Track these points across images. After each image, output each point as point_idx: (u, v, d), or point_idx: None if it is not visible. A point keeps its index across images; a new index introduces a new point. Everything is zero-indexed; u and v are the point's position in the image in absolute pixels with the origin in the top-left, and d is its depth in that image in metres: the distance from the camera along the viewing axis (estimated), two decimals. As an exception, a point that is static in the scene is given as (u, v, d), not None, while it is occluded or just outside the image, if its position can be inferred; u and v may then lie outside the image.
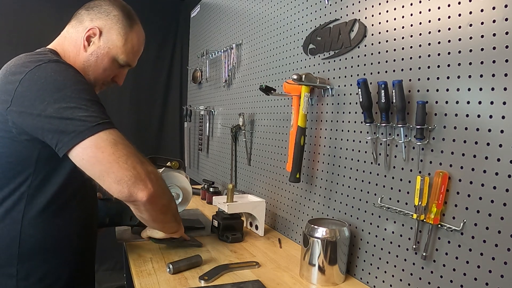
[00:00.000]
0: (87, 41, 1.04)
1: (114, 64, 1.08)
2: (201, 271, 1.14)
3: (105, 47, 1.05)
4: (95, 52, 1.04)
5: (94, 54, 1.04)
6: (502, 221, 0.78)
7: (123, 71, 1.13)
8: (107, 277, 2.88)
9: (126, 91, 3.22)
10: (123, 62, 1.08)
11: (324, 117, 1.34)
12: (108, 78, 1.11)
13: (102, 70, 1.07)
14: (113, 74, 1.11)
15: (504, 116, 0.78)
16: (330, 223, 1.20)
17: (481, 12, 0.82)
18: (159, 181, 0.96)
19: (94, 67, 1.05)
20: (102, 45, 1.04)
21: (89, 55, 1.04)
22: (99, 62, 1.05)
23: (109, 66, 1.07)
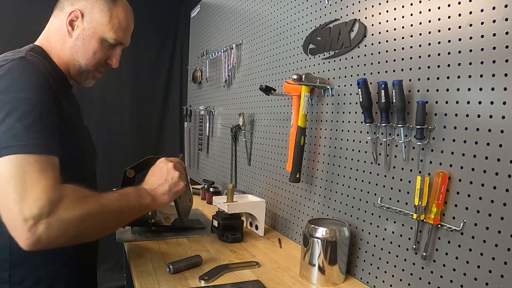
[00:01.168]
0: (70, 25, 0.99)
1: (104, 45, 1.02)
2: (201, 271, 1.14)
3: (90, 27, 0.99)
4: (80, 35, 0.99)
5: (80, 38, 0.99)
6: (502, 221, 0.78)
7: (116, 52, 1.07)
8: (107, 277, 2.88)
9: (126, 91, 3.22)
10: (113, 41, 1.03)
11: (324, 117, 1.34)
12: (101, 61, 1.05)
13: (92, 54, 1.01)
14: (105, 56, 1.05)
15: (504, 116, 0.78)
16: (330, 223, 1.20)
17: (481, 12, 0.82)
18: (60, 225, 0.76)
19: (82, 51, 1.01)
20: (87, 26, 0.99)
21: (75, 40, 0.99)
22: (87, 45, 1.00)
23: (98, 47, 1.01)
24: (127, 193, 0.94)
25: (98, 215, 0.84)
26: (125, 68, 3.21)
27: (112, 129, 3.11)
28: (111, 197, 0.89)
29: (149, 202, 0.97)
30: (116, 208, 0.89)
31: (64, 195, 0.77)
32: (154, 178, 1.03)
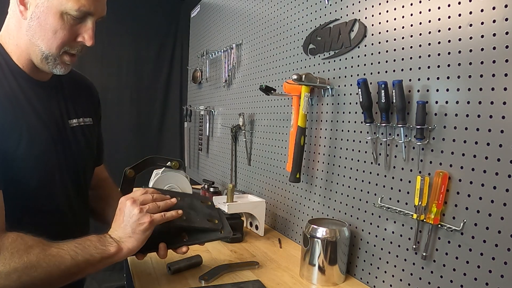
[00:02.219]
0: (22, 4, 0.83)
1: (66, 20, 0.84)
2: (201, 271, 1.14)
3: (44, 1, 0.82)
4: (34, 13, 0.83)
5: (34, 17, 0.83)
6: (502, 221, 0.78)
7: (86, 26, 0.87)
8: (107, 277, 2.88)
9: (126, 91, 3.23)
10: (75, 12, 0.83)
11: (324, 117, 1.34)
12: (68, 41, 0.86)
13: (51, 33, 0.84)
14: (73, 34, 0.86)
15: (504, 116, 0.78)
16: (330, 223, 1.20)
17: (481, 12, 0.82)
18: None
19: (40, 32, 0.84)
20: (40, 1, 0.82)
21: (29, 21, 0.84)
22: (43, 23, 0.83)
23: (59, 24, 0.83)
24: (86, 241, 0.83)
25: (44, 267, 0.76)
26: (125, 68, 3.22)
27: (112, 129, 3.11)
28: (64, 247, 0.80)
29: (115, 251, 0.85)
30: (69, 259, 0.79)
31: (2, 247, 0.73)
32: (116, 223, 0.90)
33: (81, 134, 1.03)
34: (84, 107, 1.07)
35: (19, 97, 0.88)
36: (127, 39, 3.16)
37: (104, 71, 3.11)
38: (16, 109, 0.86)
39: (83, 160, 1.04)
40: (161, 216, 0.91)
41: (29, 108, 0.89)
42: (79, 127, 1.03)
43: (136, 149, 3.20)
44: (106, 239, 0.87)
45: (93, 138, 1.11)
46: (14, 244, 0.75)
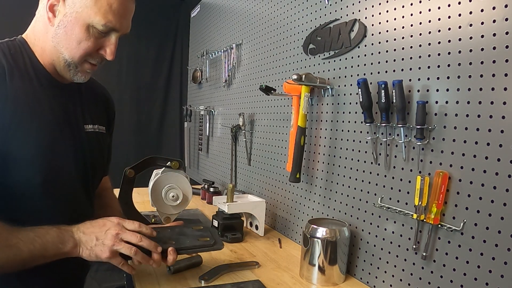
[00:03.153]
0: (51, 11, 0.85)
1: (91, 32, 0.86)
2: (201, 271, 1.14)
3: (72, 12, 0.84)
4: (62, 22, 0.85)
5: (61, 25, 0.85)
6: (502, 221, 0.78)
7: (109, 41, 0.90)
8: (107, 277, 2.88)
9: (126, 91, 3.23)
10: (101, 27, 0.86)
11: (324, 117, 1.34)
12: (90, 52, 0.89)
13: (76, 43, 0.86)
14: (95, 46, 0.89)
15: (504, 116, 0.78)
16: (330, 223, 1.20)
17: (481, 12, 0.82)
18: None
19: (65, 41, 0.86)
20: (69, 11, 0.84)
21: (56, 28, 0.86)
22: (69, 33, 0.85)
23: (84, 35, 0.86)
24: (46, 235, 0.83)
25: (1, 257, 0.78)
26: (125, 68, 3.22)
27: (112, 129, 3.12)
28: (23, 237, 0.80)
29: (69, 250, 0.85)
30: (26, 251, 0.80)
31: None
32: (91, 229, 0.88)
33: (95, 140, 1.04)
34: (100, 116, 1.09)
35: (39, 95, 0.89)
36: (127, 39, 3.14)
37: (104, 71, 3.10)
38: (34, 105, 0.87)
39: (94, 165, 1.04)
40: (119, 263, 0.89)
41: (48, 107, 0.91)
42: (94, 133, 1.03)
43: (136, 149, 3.20)
44: (66, 236, 0.86)
45: (105, 147, 1.12)
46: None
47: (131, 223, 0.92)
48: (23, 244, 0.80)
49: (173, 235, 1.02)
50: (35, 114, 0.87)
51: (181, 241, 1.00)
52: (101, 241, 0.86)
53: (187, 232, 1.05)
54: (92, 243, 0.86)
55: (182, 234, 1.04)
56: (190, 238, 1.02)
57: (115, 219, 0.91)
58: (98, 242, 0.86)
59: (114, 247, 0.86)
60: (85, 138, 1.00)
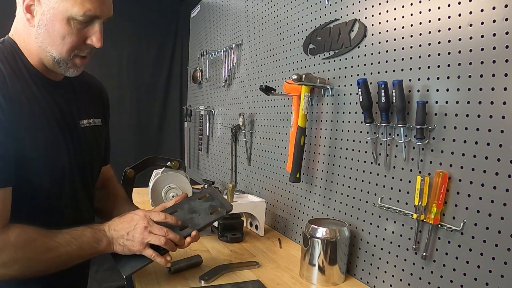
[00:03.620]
0: (28, 12, 0.83)
1: (73, 25, 0.84)
2: (201, 271, 1.14)
3: (49, 9, 0.82)
4: (41, 21, 0.83)
5: (41, 25, 0.83)
6: (502, 221, 0.78)
7: (93, 29, 0.87)
8: (107, 277, 2.88)
9: (126, 91, 3.23)
10: (81, 17, 0.83)
11: (324, 117, 1.34)
12: (78, 45, 0.87)
13: (60, 39, 0.84)
14: (81, 38, 0.87)
15: (504, 116, 0.78)
16: (330, 223, 1.20)
17: (481, 12, 0.82)
18: None
19: (49, 39, 0.84)
20: (45, 9, 0.82)
21: (37, 29, 0.84)
22: (51, 30, 0.84)
23: (66, 30, 0.84)
24: (82, 236, 0.88)
25: (42, 260, 0.83)
26: (125, 68, 3.22)
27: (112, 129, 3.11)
28: (61, 240, 0.85)
29: (103, 248, 0.91)
30: (64, 253, 0.85)
31: (7, 241, 0.78)
32: (120, 226, 0.94)
33: (91, 135, 1.04)
34: (94, 108, 1.09)
35: (37, 95, 0.89)
36: (127, 39, 3.16)
37: (104, 71, 3.11)
38: (34, 106, 0.87)
39: (91, 161, 1.05)
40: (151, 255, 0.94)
41: (46, 107, 0.90)
42: (89, 128, 1.03)
43: (136, 149, 3.20)
44: (100, 235, 0.91)
45: (102, 139, 1.12)
46: (19, 239, 0.80)
47: (157, 215, 0.96)
48: (62, 247, 0.85)
49: (187, 216, 1.04)
50: (37, 115, 0.87)
51: (196, 221, 1.03)
52: (131, 235, 0.92)
53: (197, 208, 1.07)
54: (123, 238, 0.92)
55: (193, 211, 1.05)
56: (203, 214, 1.05)
57: (141, 212, 0.96)
58: (129, 237, 0.92)
59: (144, 240, 0.92)
60: (81, 134, 1.00)
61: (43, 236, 0.84)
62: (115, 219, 0.96)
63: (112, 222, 0.95)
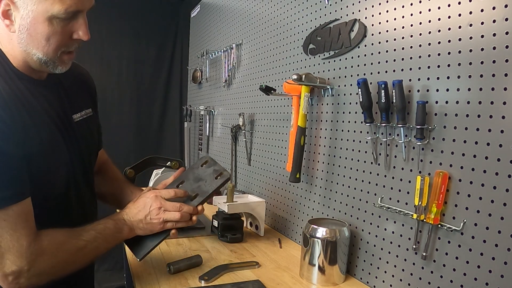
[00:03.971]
0: (6, 18, 0.80)
1: (56, 24, 0.81)
2: (201, 271, 1.14)
3: (28, 12, 0.78)
4: (21, 26, 0.80)
5: (22, 30, 0.80)
6: (502, 221, 0.78)
7: (77, 23, 0.84)
8: (107, 277, 2.89)
9: (126, 91, 3.23)
10: (64, 14, 0.80)
11: (324, 117, 1.34)
12: (64, 42, 0.85)
13: (45, 41, 0.82)
14: (66, 35, 0.84)
15: (504, 116, 0.78)
16: (330, 223, 1.20)
17: (481, 12, 0.82)
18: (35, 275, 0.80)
19: (33, 43, 0.82)
20: (23, 12, 0.78)
21: (18, 34, 0.81)
22: (34, 34, 0.80)
23: (50, 30, 0.81)
24: (105, 230, 0.94)
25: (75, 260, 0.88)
26: (125, 68, 3.22)
27: (112, 129, 3.11)
28: (88, 237, 0.90)
29: (126, 235, 0.99)
30: (93, 249, 0.91)
31: (41, 250, 0.80)
32: (136, 211, 1.00)
33: (86, 128, 1.04)
34: (84, 99, 1.07)
35: (30, 99, 0.87)
36: (127, 39, 3.16)
37: (104, 71, 3.11)
38: (31, 112, 0.85)
39: (89, 153, 1.06)
40: (172, 226, 1.02)
41: (39, 107, 0.89)
42: (83, 120, 1.03)
43: (136, 149, 3.20)
44: (120, 224, 0.98)
45: (95, 128, 1.12)
46: (51, 244, 0.83)
47: (166, 193, 1.03)
48: (90, 243, 0.90)
49: (194, 185, 1.09)
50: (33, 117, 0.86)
51: (204, 188, 1.09)
52: (149, 218, 0.99)
53: (202, 175, 1.11)
54: (142, 223, 0.99)
55: (199, 179, 1.10)
56: (209, 180, 1.10)
57: (152, 194, 1.02)
58: (147, 220, 0.99)
59: (161, 219, 1.00)
60: (76, 129, 0.99)
61: (71, 237, 0.87)
62: (130, 206, 1.02)
63: (128, 210, 1.01)
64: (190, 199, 1.06)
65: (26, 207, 0.80)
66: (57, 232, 0.86)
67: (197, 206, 1.05)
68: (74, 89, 1.04)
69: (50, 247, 0.83)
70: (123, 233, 0.98)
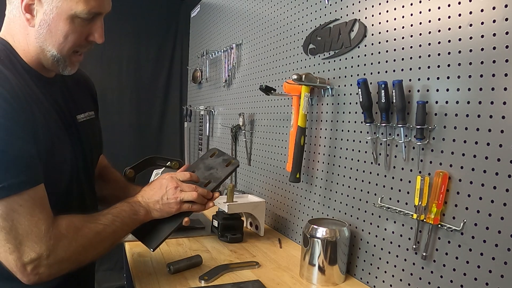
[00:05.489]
0: (28, 12, 0.81)
1: (77, 23, 0.84)
2: (201, 271, 1.14)
3: (52, 8, 0.81)
4: (43, 21, 0.82)
5: (43, 25, 0.82)
6: (502, 221, 0.78)
7: (95, 25, 0.88)
8: (107, 277, 2.88)
9: (126, 91, 3.22)
10: (86, 15, 0.83)
11: (324, 117, 1.34)
12: (80, 42, 0.87)
13: (63, 38, 0.84)
14: (83, 35, 0.87)
15: (504, 116, 0.78)
16: (330, 223, 1.20)
17: (481, 12, 0.82)
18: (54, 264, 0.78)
19: (51, 39, 0.83)
20: (47, 8, 0.81)
21: (38, 29, 0.82)
22: (54, 30, 0.82)
23: (70, 28, 0.83)
24: (122, 212, 0.93)
25: (95, 245, 0.86)
26: (125, 68, 3.22)
27: (112, 129, 3.11)
28: (105, 221, 0.89)
29: (143, 217, 0.98)
30: (111, 232, 0.90)
31: (60, 235, 0.79)
32: (152, 192, 1.00)
33: (89, 129, 1.04)
34: (86, 101, 1.09)
35: (39, 95, 0.87)
36: (127, 39, 3.16)
37: (104, 71, 3.11)
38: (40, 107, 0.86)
39: (91, 154, 1.06)
40: (188, 207, 1.02)
41: (47, 104, 0.89)
42: (86, 122, 1.03)
43: (136, 149, 3.20)
44: (136, 206, 0.97)
45: (97, 130, 1.12)
46: (69, 230, 0.81)
47: (182, 175, 1.05)
48: (108, 227, 0.89)
49: (206, 173, 1.12)
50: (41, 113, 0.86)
51: (216, 175, 1.11)
52: (165, 199, 0.99)
53: (213, 164, 1.14)
54: (159, 204, 0.99)
55: (210, 168, 1.14)
56: (220, 168, 1.13)
57: (167, 175, 1.03)
58: (164, 200, 0.99)
59: (178, 199, 0.99)
60: (80, 129, 1.00)
61: (88, 221, 0.86)
62: (145, 188, 1.02)
63: (143, 193, 1.01)
64: (203, 186, 1.07)
65: (42, 192, 0.79)
66: (73, 217, 0.84)
67: (212, 192, 1.06)
68: (77, 91, 1.05)
69: (69, 231, 0.81)
70: (139, 215, 0.97)
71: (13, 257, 0.73)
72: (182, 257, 1.21)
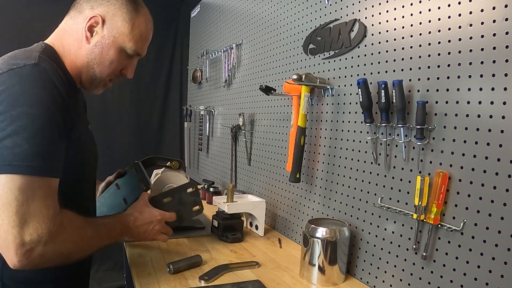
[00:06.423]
0: (89, 31, 0.94)
1: (122, 55, 0.98)
2: (201, 271, 1.14)
3: (110, 36, 0.95)
4: (99, 42, 0.95)
5: (98, 46, 0.95)
6: (502, 221, 0.78)
7: (132, 62, 1.03)
8: (107, 277, 2.88)
9: (126, 91, 3.22)
10: (131, 52, 0.98)
11: (324, 117, 1.34)
12: (116, 72, 1.01)
13: (108, 63, 0.97)
14: (121, 66, 1.01)
15: (504, 116, 0.78)
16: (330, 223, 1.20)
17: (481, 12, 0.82)
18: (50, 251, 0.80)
19: (99, 60, 0.96)
20: (107, 34, 0.95)
21: (92, 47, 0.95)
22: (105, 53, 0.96)
23: (116, 57, 0.97)
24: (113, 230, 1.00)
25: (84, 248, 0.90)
26: (125, 68, 3.22)
27: (112, 129, 3.11)
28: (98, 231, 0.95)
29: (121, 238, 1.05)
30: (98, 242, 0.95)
31: (63, 227, 0.82)
32: (142, 223, 1.11)
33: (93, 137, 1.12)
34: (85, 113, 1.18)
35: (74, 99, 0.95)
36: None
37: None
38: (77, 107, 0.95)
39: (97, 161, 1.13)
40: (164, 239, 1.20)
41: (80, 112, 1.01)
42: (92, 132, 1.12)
43: (136, 149, 3.20)
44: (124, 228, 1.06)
45: None
46: (71, 225, 0.86)
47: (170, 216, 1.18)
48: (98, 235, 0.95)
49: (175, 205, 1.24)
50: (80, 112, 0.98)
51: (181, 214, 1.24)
52: (148, 233, 1.13)
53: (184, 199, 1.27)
54: (142, 234, 1.12)
55: (181, 203, 1.26)
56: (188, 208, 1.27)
57: (158, 215, 1.14)
58: (146, 234, 1.13)
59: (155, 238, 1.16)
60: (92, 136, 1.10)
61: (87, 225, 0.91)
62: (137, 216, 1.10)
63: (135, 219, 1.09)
64: None
65: (56, 185, 0.82)
66: (75, 216, 0.88)
67: None
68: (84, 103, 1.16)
69: (70, 226, 0.85)
70: (122, 235, 1.05)
71: (14, 231, 0.74)
72: (182, 257, 1.21)
